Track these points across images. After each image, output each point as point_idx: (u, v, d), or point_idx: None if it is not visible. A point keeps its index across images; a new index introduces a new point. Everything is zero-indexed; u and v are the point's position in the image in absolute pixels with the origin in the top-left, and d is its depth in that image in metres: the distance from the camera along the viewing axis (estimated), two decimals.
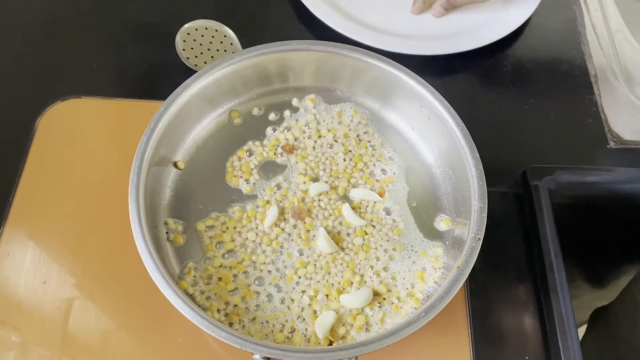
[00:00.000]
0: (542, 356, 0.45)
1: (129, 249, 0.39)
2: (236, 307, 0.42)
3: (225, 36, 0.52)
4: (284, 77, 0.50)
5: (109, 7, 0.63)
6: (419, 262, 0.44)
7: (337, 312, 0.42)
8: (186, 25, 0.51)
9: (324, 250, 0.44)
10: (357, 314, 0.42)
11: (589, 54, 0.61)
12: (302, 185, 0.47)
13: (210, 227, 0.45)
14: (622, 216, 0.60)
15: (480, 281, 0.47)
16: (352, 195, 0.47)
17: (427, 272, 0.43)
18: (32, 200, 0.49)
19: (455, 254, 0.43)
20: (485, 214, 0.41)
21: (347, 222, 0.45)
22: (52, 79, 0.56)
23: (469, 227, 0.41)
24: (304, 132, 0.49)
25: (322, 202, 0.46)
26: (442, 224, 0.46)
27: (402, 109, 0.49)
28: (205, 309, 0.41)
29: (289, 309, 0.42)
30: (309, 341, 0.41)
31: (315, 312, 0.42)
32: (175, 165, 0.47)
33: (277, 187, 0.47)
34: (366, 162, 0.48)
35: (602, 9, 0.63)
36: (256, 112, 0.50)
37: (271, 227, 0.45)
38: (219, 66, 0.46)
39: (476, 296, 0.47)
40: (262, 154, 0.48)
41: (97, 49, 0.59)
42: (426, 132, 0.48)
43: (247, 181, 0.47)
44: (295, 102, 0.51)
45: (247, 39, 0.52)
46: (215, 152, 0.48)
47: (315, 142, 0.49)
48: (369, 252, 0.44)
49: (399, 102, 0.49)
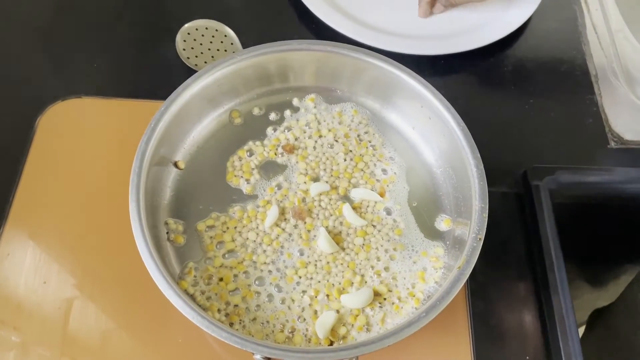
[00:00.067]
0: (542, 356, 0.45)
1: (129, 249, 0.39)
2: (237, 307, 0.42)
3: (225, 36, 0.52)
4: (284, 77, 0.50)
5: (109, 7, 0.63)
6: (420, 262, 0.44)
7: (338, 312, 0.41)
8: (186, 25, 0.51)
9: (325, 250, 0.44)
10: (357, 314, 0.42)
11: (590, 54, 0.61)
12: (303, 185, 0.47)
13: (210, 227, 0.45)
14: (622, 216, 0.60)
15: (480, 281, 0.47)
16: (352, 195, 0.47)
17: (428, 272, 0.43)
18: (32, 200, 0.49)
19: (456, 254, 0.43)
20: (486, 214, 0.41)
21: (348, 222, 0.45)
22: (52, 78, 0.56)
23: (470, 227, 0.41)
24: (304, 132, 0.49)
25: (323, 202, 0.46)
26: (442, 224, 0.46)
27: (402, 109, 0.49)
28: (205, 309, 0.41)
29: (289, 309, 0.42)
30: (310, 341, 0.41)
31: (315, 312, 0.42)
32: (175, 165, 0.47)
33: (278, 187, 0.47)
34: (367, 162, 0.48)
35: (602, 9, 0.63)
36: (257, 112, 0.50)
37: (272, 227, 0.45)
38: (219, 66, 0.46)
39: (477, 296, 0.47)
40: (262, 153, 0.48)
41: (97, 48, 0.59)
42: (427, 132, 0.48)
43: (247, 181, 0.47)
44: (295, 102, 0.51)
45: (247, 38, 0.52)
46: (215, 152, 0.48)
47: (315, 142, 0.49)
48: (370, 252, 0.44)
49: (400, 102, 0.49)
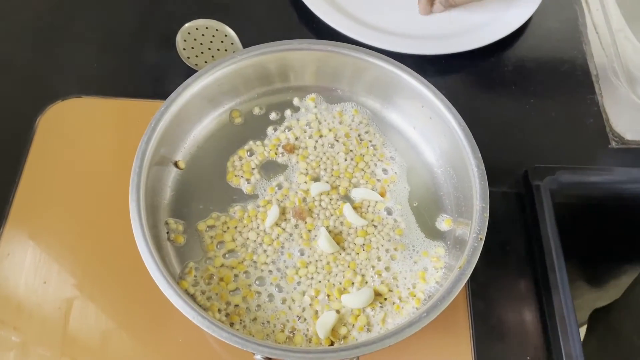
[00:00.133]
0: (543, 356, 0.45)
1: (130, 249, 0.39)
2: (237, 307, 0.41)
3: (225, 35, 0.51)
4: (284, 77, 0.50)
5: (110, 7, 0.62)
6: (421, 262, 0.44)
7: (339, 312, 0.41)
8: (187, 24, 0.51)
9: (325, 250, 0.44)
10: (358, 314, 0.42)
11: (590, 54, 0.61)
12: (303, 185, 0.47)
13: (211, 226, 0.45)
14: (623, 216, 0.60)
15: (481, 281, 0.47)
16: (353, 195, 0.47)
17: (429, 272, 0.43)
18: (32, 199, 0.49)
19: (456, 254, 0.42)
20: (487, 214, 0.41)
21: (348, 222, 0.45)
22: (52, 78, 0.56)
23: (471, 227, 0.41)
24: (305, 132, 0.49)
25: (323, 202, 0.46)
26: (443, 224, 0.45)
27: (403, 109, 0.49)
28: (206, 309, 0.41)
29: (290, 309, 0.42)
30: (310, 341, 0.41)
31: (316, 312, 0.42)
32: (176, 164, 0.47)
33: (278, 187, 0.47)
34: (367, 162, 0.48)
35: (603, 9, 0.63)
36: (257, 111, 0.50)
37: (272, 227, 0.45)
38: (219, 65, 0.46)
39: (477, 296, 0.46)
40: (263, 153, 0.48)
41: (98, 48, 0.59)
42: (428, 131, 0.48)
43: (248, 181, 0.47)
44: (296, 101, 0.51)
45: (247, 38, 0.51)
46: (216, 151, 0.48)
47: (316, 142, 0.49)
48: (370, 252, 0.44)
49: (400, 101, 0.49)
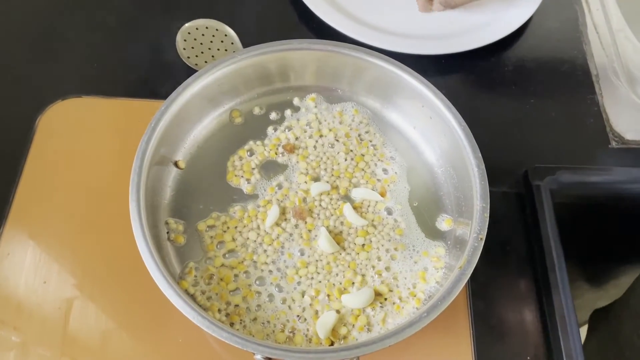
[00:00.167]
0: (543, 356, 0.45)
1: (130, 249, 0.39)
2: (237, 307, 0.41)
3: (225, 35, 0.51)
4: (285, 77, 0.50)
5: (110, 6, 0.62)
6: (421, 262, 0.44)
7: (339, 312, 0.41)
8: (187, 24, 0.51)
9: (325, 250, 0.44)
10: (358, 314, 0.42)
11: (591, 54, 0.61)
12: (303, 184, 0.47)
13: (211, 226, 0.45)
14: (623, 216, 0.59)
15: (481, 281, 0.47)
16: (353, 195, 0.47)
17: (429, 272, 0.43)
18: (32, 199, 0.49)
19: (457, 254, 0.42)
20: (487, 214, 0.41)
21: (349, 222, 0.45)
22: (52, 78, 0.56)
23: (471, 227, 0.41)
24: (305, 132, 0.49)
25: (324, 201, 0.46)
26: (443, 223, 0.45)
27: (403, 109, 0.49)
28: (206, 309, 0.41)
29: (290, 309, 0.42)
30: (311, 341, 0.41)
31: (316, 312, 0.42)
32: (176, 164, 0.47)
33: (278, 187, 0.47)
34: (367, 162, 0.48)
35: (603, 9, 0.63)
36: (257, 111, 0.50)
37: (272, 227, 0.45)
38: (219, 65, 0.46)
39: (477, 296, 0.46)
40: (263, 153, 0.48)
41: (98, 48, 0.59)
42: (428, 131, 0.48)
43: (248, 181, 0.47)
44: (296, 101, 0.51)
45: (247, 38, 0.52)
46: (216, 151, 0.48)
47: (316, 142, 0.49)
48: (371, 252, 0.44)
49: (401, 101, 0.49)
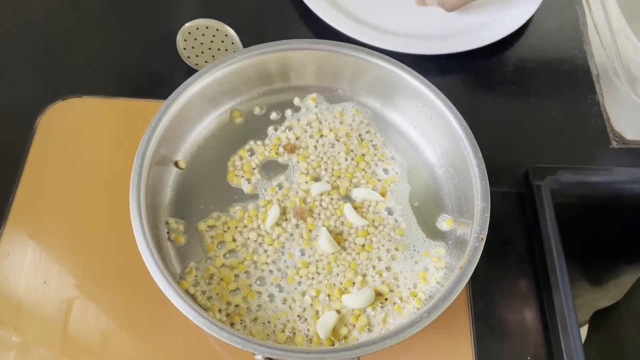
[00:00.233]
0: (544, 356, 0.45)
1: (130, 249, 0.39)
2: (238, 307, 0.41)
3: (226, 35, 0.51)
4: (285, 76, 0.50)
5: (110, 6, 0.62)
6: (421, 262, 0.44)
7: (339, 313, 0.41)
8: (187, 24, 0.51)
9: (326, 250, 0.44)
10: (359, 314, 0.41)
11: (591, 54, 0.61)
12: (304, 184, 0.47)
13: (211, 226, 0.45)
14: (624, 216, 0.59)
15: (482, 281, 0.47)
16: (354, 195, 0.47)
17: (430, 272, 0.43)
18: (32, 199, 0.49)
19: (457, 254, 0.42)
20: (488, 214, 0.41)
21: (349, 222, 0.45)
22: (52, 78, 0.56)
23: (472, 227, 0.41)
24: (305, 132, 0.49)
25: (324, 201, 0.46)
26: (444, 223, 0.45)
27: (404, 109, 0.49)
28: (206, 309, 0.41)
29: (290, 309, 0.42)
30: (311, 341, 0.40)
31: (317, 313, 0.42)
32: (176, 164, 0.47)
33: (279, 187, 0.47)
34: (368, 162, 0.48)
35: (604, 9, 0.63)
36: (257, 111, 0.50)
37: (273, 227, 0.45)
38: (220, 65, 0.46)
39: (478, 296, 0.46)
40: (263, 153, 0.48)
41: (98, 47, 0.59)
42: (428, 131, 0.48)
43: (248, 181, 0.47)
44: (296, 101, 0.51)
45: (248, 38, 0.51)
46: (216, 151, 0.48)
47: (317, 142, 0.49)
48: (371, 252, 0.44)
49: (401, 101, 0.49)
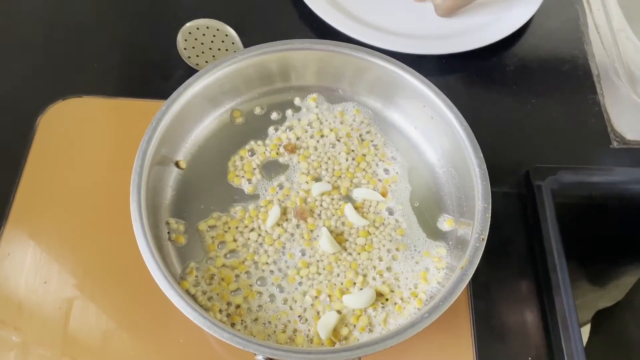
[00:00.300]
0: (545, 356, 0.45)
1: (130, 249, 0.38)
2: (238, 307, 0.41)
3: (226, 35, 0.51)
4: (286, 77, 0.50)
5: (110, 6, 0.62)
6: (422, 263, 0.44)
7: (340, 313, 0.41)
8: (187, 24, 0.51)
9: (327, 250, 0.44)
10: (360, 315, 0.41)
11: (592, 54, 0.61)
12: (305, 185, 0.47)
13: (212, 227, 0.44)
14: (624, 216, 0.59)
15: (482, 281, 0.47)
16: (354, 195, 0.47)
17: (430, 273, 0.43)
18: (32, 199, 0.49)
19: (458, 254, 0.42)
20: (489, 214, 0.40)
21: (350, 222, 0.45)
22: (52, 78, 0.56)
23: (473, 227, 0.41)
24: (306, 132, 0.49)
25: (325, 202, 0.46)
26: (445, 224, 0.45)
27: (404, 109, 0.49)
28: (207, 310, 0.41)
29: (291, 309, 0.42)
30: (312, 342, 0.40)
31: (317, 313, 0.42)
32: (176, 164, 0.46)
33: (280, 187, 0.47)
34: (369, 162, 0.48)
35: (604, 9, 0.63)
36: (258, 111, 0.50)
37: (273, 227, 0.45)
38: (220, 65, 0.46)
39: (479, 296, 0.46)
40: (264, 153, 0.48)
41: (98, 47, 0.59)
42: (429, 131, 0.48)
43: (249, 181, 0.47)
44: (297, 101, 0.51)
45: (248, 38, 0.51)
46: (217, 151, 0.48)
47: (317, 142, 0.49)
48: (372, 252, 0.44)
49: (402, 101, 0.49)
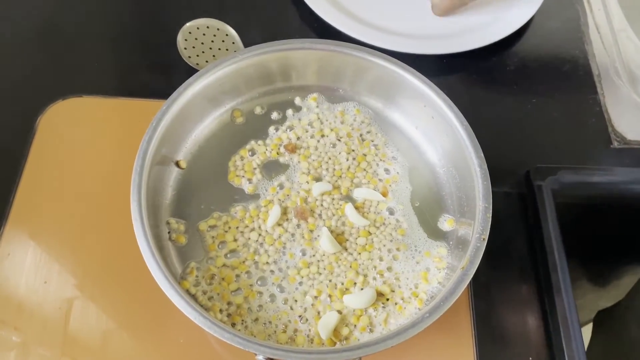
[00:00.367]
0: (546, 356, 0.45)
1: (131, 249, 0.38)
2: (239, 307, 0.41)
3: (226, 35, 0.51)
4: (286, 76, 0.50)
5: (110, 6, 0.62)
6: (423, 263, 0.44)
7: (341, 313, 0.41)
8: (187, 24, 0.51)
9: (327, 250, 0.44)
10: (360, 315, 0.41)
11: (592, 54, 0.61)
12: (305, 184, 0.47)
13: (212, 226, 0.44)
14: (625, 216, 0.59)
15: (483, 281, 0.47)
16: (355, 195, 0.47)
17: (431, 273, 0.43)
18: (32, 199, 0.48)
19: (459, 254, 0.42)
20: (490, 214, 0.40)
21: (350, 222, 0.45)
22: (52, 77, 0.56)
23: (474, 227, 0.40)
24: (306, 132, 0.49)
25: (325, 201, 0.46)
26: (446, 224, 0.45)
27: (405, 108, 0.49)
28: (207, 309, 0.41)
29: (291, 309, 0.42)
30: (312, 342, 0.40)
31: (318, 313, 0.41)
32: (177, 164, 0.46)
33: (280, 187, 0.47)
34: (369, 162, 0.48)
35: (605, 9, 0.63)
36: (258, 111, 0.50)
37: (274, 227, 0.45)
38: (220, 65, 0.46)
39: (479, 297, 0.46)
40: (264, 153, 0.48)
41: (98, 47, 0.59)
42: (430, 131, 0.48)
43: (249, 181, 0.47)
44: (297, 101, 0.51)
45: (248, 37, 0.51)
46: (217, 151, 0.48)
47: (318, 142, 0.49)
48: (372, 252, 0.44)
49: (403, 101, 0.49)
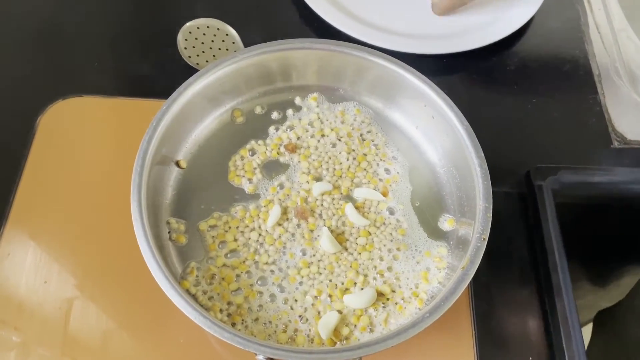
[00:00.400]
0: (546, 356, 0.45)
1: (131, 249, 0.38)
2: (239, 307, 0.41)
3: (227, 35, 0.51)
4: (286, 76, 0.50)
5: (111, 5, 0.62)
6: (423, 262, 0.44)
7: (341, 313, 0.41)
8: (187, 23, 0.51)
9: (327, 250, 0.43)
10: (360, 315, 0.41)
11: (593, 54, 0.61)
12: (305, 184, 0.47)
13: (212, 226, 0.44)
14: (625, 216, 0.59)
15: (483, 281, 0.47)
16: (355, 194, 0.47)
17: (431, 273, 0.43)
18: (32, 199, 0.48)
19: (459, 254, 0.42)
20: (490, 214, 0.40)
21: (351, 222, 0.45)
22: (52, 77, 0.56)
23: (474, 227, 0.40)
24: (307, 131, 0.49)
25: (325, 201, 0.46)
26: (446, 223, 0.45)
27: (405, 108, 0.49)
28: (207, 309, 0.41)
29: (292, 309, 0.42)
30: (313, 342, 0.40)
31: (318, 313, 0.41)
32: (177, 164, 0.46)
33: (280, 187, 0.47)
34: (369, 162, 0.48)
35: (605, 9, 0.63)
36: (259, 110, 0.50)
37: (274, 227, 0.45)
38: (221, 65, 0.46)
39: (479, 297, 0.46)
40: (264, 153, 0.48)
41: (98, 47, 0.59)
42: (430, 131, 0.48)
43: (249, 180, 0.47)
44: (298, 101, 0.51)
45: (248, 37, 0.51)
46: (217, 151, 0.48)
47: (318, 142, 0.49)
48: (373, 252, 0.44)
49: (403, 101, 0.49)
